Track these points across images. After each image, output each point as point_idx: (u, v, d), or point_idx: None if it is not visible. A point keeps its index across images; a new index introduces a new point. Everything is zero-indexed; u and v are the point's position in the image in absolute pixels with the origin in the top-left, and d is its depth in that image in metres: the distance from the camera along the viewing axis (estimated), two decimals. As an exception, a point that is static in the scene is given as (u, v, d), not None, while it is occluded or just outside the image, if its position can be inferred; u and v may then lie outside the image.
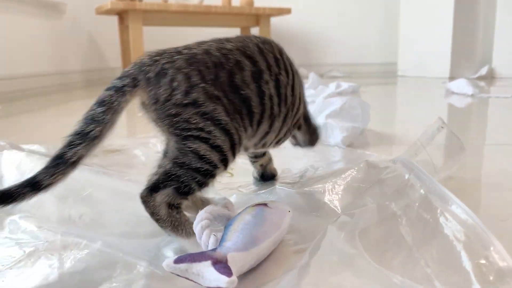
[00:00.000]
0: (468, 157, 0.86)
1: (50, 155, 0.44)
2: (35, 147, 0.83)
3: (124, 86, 0.48)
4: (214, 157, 0.48)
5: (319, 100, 1.65)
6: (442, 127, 0.65)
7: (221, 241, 0.41)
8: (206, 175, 0.48)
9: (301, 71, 3.64)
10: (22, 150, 0.69)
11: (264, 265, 0.42)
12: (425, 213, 0.44)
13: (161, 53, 0.51)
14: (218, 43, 0.54)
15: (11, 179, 0.54)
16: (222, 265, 0.37)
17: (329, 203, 0.50)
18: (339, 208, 0.49)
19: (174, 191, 0.47)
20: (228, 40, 0.56)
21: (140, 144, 0.92)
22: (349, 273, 0.38)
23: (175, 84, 0.48)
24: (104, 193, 0.54)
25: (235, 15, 3.27)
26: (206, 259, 0.37)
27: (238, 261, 0.38)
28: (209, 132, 0.48)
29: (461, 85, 1.99)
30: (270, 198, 0.53)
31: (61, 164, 0.44)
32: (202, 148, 0.48)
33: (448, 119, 1.46)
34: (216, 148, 0.49)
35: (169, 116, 0.48)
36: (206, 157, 0.48)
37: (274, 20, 3.75)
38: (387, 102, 2.02)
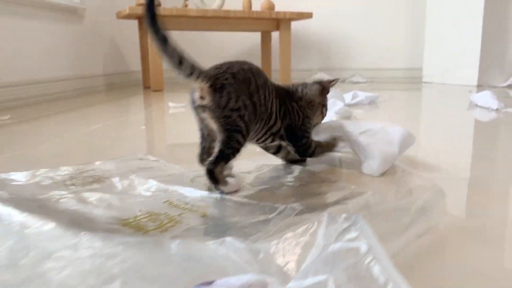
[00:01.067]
0: (489, 197, 0.78)
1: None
2: (18, 175, 0.80)
3: (205, 76, 0.74)
4: (244, 141, 0.76)
5: (330, 115, 1.58)
6: (403, 172, 0.57)
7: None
8: (239, 151, 0.76)
9: (322, 76, 3.56)
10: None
11: None
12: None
13: (217, 73, 0.75)
14: (241, 65, 0.79)
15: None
16: None
17: (281, 265, 0.43)
18: (290, 273, 0.43)
19: (224, 163, 0.74)
20: (244, 63, 0.80)
21: (129, 170, 0.88)
22: None
23: (230, 96, 0.73)
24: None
25: (254, 19, 3.22)
26: None
27: None
28: (242, 127, 0.75)
29: (486, 98, 1.88)
30: (219, 251, 0.46)
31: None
32: (240, 136, 0.75)
33: (473, 139, 1.37)
34: (244, 136, 0.76)
35: (224, 117, 0.73)
36: (240, 142, 0.75)
37: (295, 24, 3.67)
38: (408, 114, 1.93)
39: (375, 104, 2.10)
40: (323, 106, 0.97)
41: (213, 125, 0.76)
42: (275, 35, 3.57)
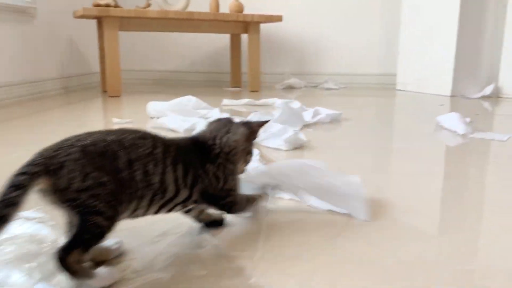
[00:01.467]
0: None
1: None
2: None
3: (35, 173, 0.56)
4: (107, 224, 0.60)
5: (279, 143, 1.43)
6: None
7: None
8: (103, 235, 0.60)
9: (294, 81, 3.41)
10: None
11: None
12: None
13: (59, 148, 0.59)
14: (102, 135, 0.64)
15: None
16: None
17: None
18: None
19: (81, 250, 0.58)
20: (110, 133, 0.65)
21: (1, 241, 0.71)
22: None
23: (72, 174, 0.58)
24: None
25: (221, 21, 3.04)
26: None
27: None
28: (101, 208, 0.59)
29: (452, 121, 1.74)
30: None
31: None
32: (100, 219, 0.59)
33: (436, 178, 1.23)
34: (109, 217, 0.60)
35: (69, 201, 0.58)
36: (102, 225, 0.60)
37: (268, 27, 3.52)
38: (370, 139, 1.79)
39: (338, 123, 1.95)
40: (248, 153, 0.83)
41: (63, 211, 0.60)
42: (246, 37, 3.40)
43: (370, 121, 2.09)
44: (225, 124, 0.81)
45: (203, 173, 0.73)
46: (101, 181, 0.59)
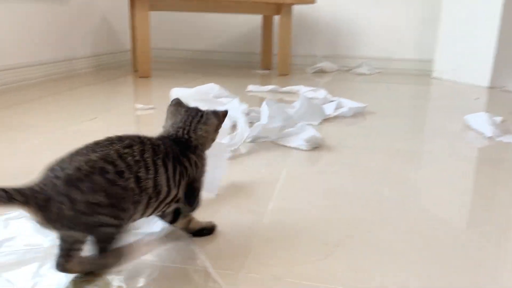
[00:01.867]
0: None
1: None
2: None
3: (24, 203, 0.58)
4: (117, 231, 0.65)
5: (299, 143, 1.40)
6: None
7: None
8: (117, 240, 0.66)
9: (326, 64, 3.32)
10: None
11: None
12: None
13: (45, 182, 0.60)
14: (86, 156, 0.63)
15: None
16: None
17: None
18: None
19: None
20: (94, 150, 0.65)
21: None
22: None
23: (61, 206, 0.59)
24: None
25: (251, 3, 2.99)
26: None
27: None
28: (105, 221, 0.62)
29: (481, 121, 1.66)
30: None
31: None
32: (108, 230, 0.64)
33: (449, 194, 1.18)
34: (116, 225, 0.64)
35: (67, 226, 0.61)
36: (111, 232, 0.64)
37: (300, 8, 3.43)
38: (391, 138, 1.73)
39: (361, 117, 1.90)
40: (212, 140, 0.83)
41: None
42: (275, 20, 3.34)
43: (395, 115, 2.02)
44: (195, 113, 0.80)
45: (187, 165, 0.75)
46: (96, 202, 0.61)
